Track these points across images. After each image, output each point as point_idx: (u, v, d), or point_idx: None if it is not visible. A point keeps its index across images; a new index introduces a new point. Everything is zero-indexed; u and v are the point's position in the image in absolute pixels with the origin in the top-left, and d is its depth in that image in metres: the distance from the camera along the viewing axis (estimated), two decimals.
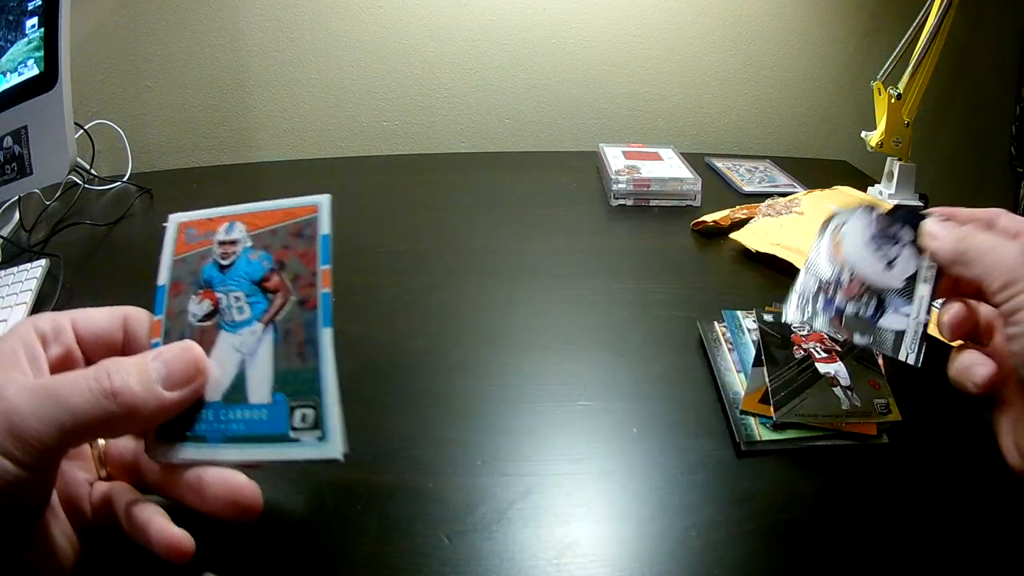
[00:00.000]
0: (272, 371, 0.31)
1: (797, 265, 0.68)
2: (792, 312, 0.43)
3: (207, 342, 0.33)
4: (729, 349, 0.55)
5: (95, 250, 0.79)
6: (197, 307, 0.34)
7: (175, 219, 0.37)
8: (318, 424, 0.30)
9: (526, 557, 0.38)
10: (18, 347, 0.30)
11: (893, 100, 0.85)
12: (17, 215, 0.85)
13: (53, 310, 0.64)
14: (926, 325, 0.39)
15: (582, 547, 0.39)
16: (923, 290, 0.40)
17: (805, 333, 0.53)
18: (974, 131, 1.24)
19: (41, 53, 0.70)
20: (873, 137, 0.88)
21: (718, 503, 0.42)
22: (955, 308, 0.38)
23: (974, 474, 0.44)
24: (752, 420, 0.47)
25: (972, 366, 0.37)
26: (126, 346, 0.34)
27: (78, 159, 0.80)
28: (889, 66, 0.85)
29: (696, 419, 0.49)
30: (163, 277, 0.35)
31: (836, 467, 0.45)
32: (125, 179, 0.97)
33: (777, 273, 0.70)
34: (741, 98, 1.18)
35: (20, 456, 0.27)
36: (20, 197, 0.83)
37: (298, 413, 0.31)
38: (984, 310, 0.39)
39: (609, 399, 0.51)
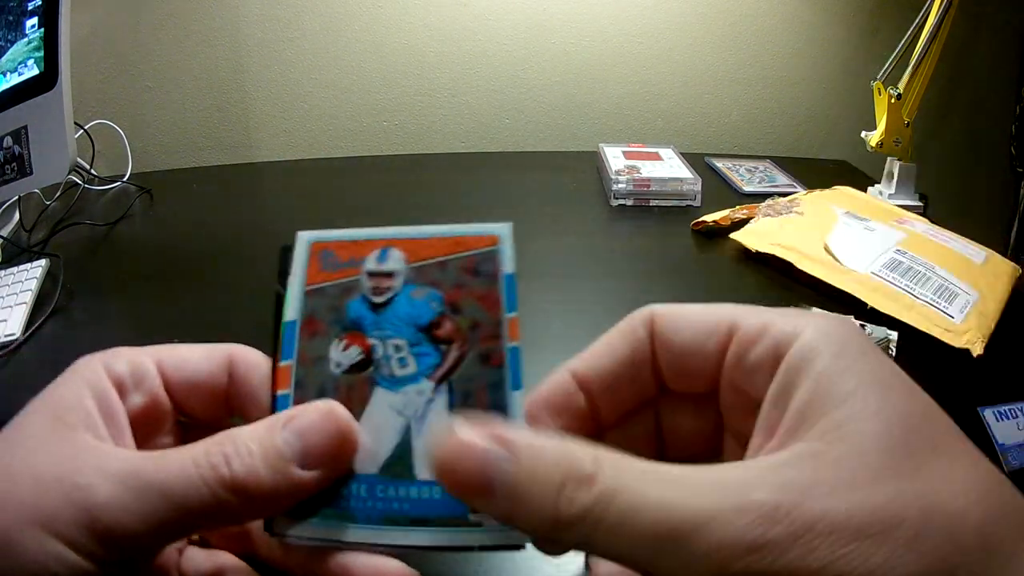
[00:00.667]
0: None
1: (797, 265, 0.68)
2: None
3: (356, 400, 0.25)
4: None
5: (95, 250, 0.79)
6: (342, 355, 0.26)
7: (306, 237, 0.29)
8: None
9: (526, 557, 0.38)
10: (86, 397, 0.23)
11: (893, 100, 0.84)
12: (17, 215, 0.85)
13: (53, 310, 0.64)
14: None
15: None
16: None
17: None
18: (974, 131, 1.24)
19: (41, 53, 0.70)
20: (873, 137, 0.88)
21: None
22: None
23: None
24: None
25: None
26: (233, 396, 0.26)
27: (78, 159, 0.80)
28: (889, 66, 0.85)
29: None
30: (293, 311, 0.28)
31: None
32: (125, 179, 0.97)
33: (777, 273, 0.70)
34: (741, 98, 1.18)
35: (107, 556, 0.20)
36: (20, 197, 0.83)
37: None
38: None
39: None
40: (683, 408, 0.25)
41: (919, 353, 0.57)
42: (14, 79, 0.72)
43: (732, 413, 0.23)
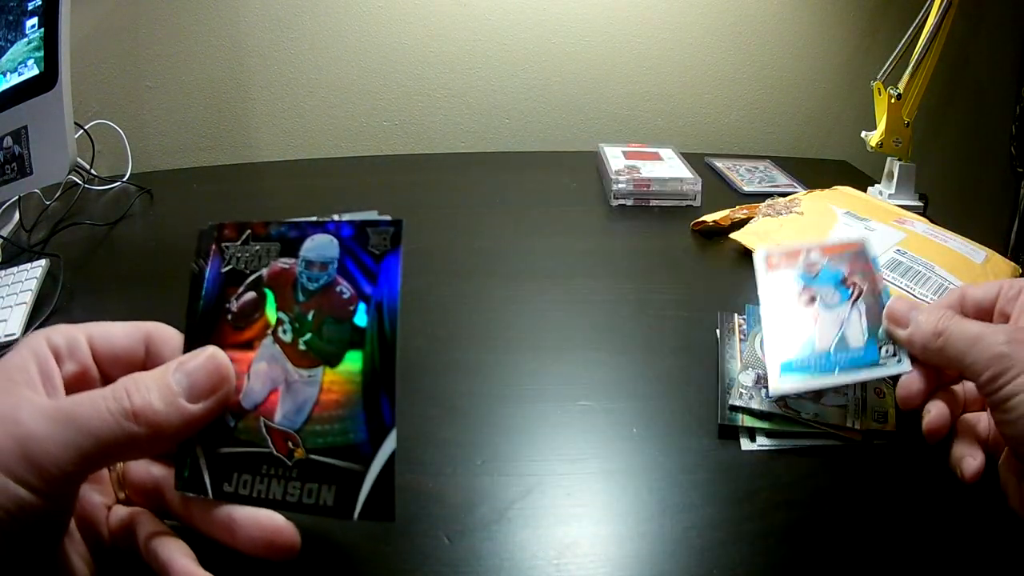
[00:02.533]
0: (865, 328, 0.44)
1: None
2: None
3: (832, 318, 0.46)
4: (741, 339, 0.55)
5: (95, 250, 0.79)
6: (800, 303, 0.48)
7: (762, 250, 0.52)
8: (896, 353, 0.42)
9: (526, 557, 0.38)
10: (30, 362, 0.28)
11: (893, 100, 0.84)
12: (17, 215, 0.85)
13: (53, 310, 0.64)
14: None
15: (582, 547, 0.39)
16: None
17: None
18: (974, 131, 1.24)
19: (41, 53, 0.70)
20: (873, 137, 0.88)
21: (718, 503, 0.42)
22: (934, 416, 0.39)
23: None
24: (739, 415, 0.47)
25: (962, 458, 0.38)
26: (149, 366, 0.31)
27: (78, 159, 0.80)
28: (889, 66, 0.85)
29: (696, 419, 0.49)
30: (764, 296, 0.50)
31: (836, 467, 0.45)
32: (125, 179, 0.97)
33: None
34: (741, 98, 1.18)
35: (38, 484, 0.25)
36: (20, 197, 0.83)
37: (883, 348, 0.42)
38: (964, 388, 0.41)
39: (609, 399, 0.51)
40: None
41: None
42: (14, 79, 0.72)
43: (1000, 320, 0.40)
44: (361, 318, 0.29)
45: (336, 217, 0.33)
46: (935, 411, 0.39)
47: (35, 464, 0.25)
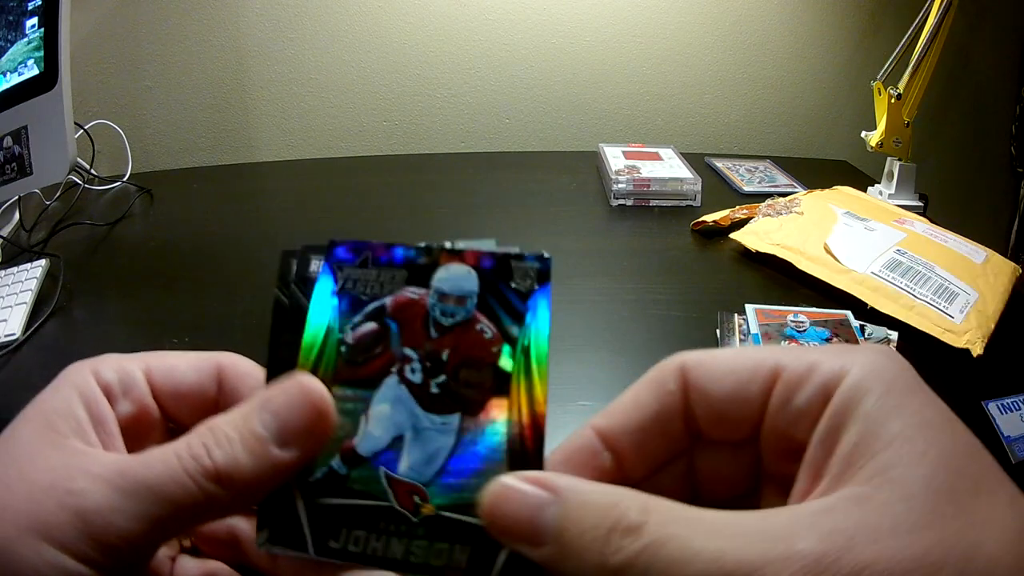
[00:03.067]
0: None
1: (797, 265, 0.68)
2: None
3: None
4: (741, 339, 0.55)
5: (95, 250, 0.79)
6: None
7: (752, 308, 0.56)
8: None
9: None
10: (76, 405, 0.23)
11: (893, 100, 0.84)
12: (17, 215, 0.85)
13: (53, 310, 0.64)
14: None
15: None
16: None
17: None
18: (974, 131, 1.24)
19: (41, 53, 0.70)
20: (873, 137, 0.88)
21: None
22: None
23: None
24: None
25: None
26: (224, 406, 0.25)
27: (78, 159, 0.80)
28: (889, 66, 0.85)
29: None
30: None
31: None
32: (125, 179, 0.97)
33: (777, 273, 0.70)
34: (741, 98, 1.18)
35: (103, 561, 0.20)
36: (20, 197, 0.83)
37: None
38: None
39: (609, 399, 0.51)
40: (718, 454, 0.24)
41: (919, 353, 0.57)
42: (14, 79, 0.72)
43: (773, 457, 0.22)
44: (506, 362, 0.26)
45: (462, 245, 0.28)
46: None
47: (99, 540, 0.20)
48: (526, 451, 0.25)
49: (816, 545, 0.16)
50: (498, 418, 0.25)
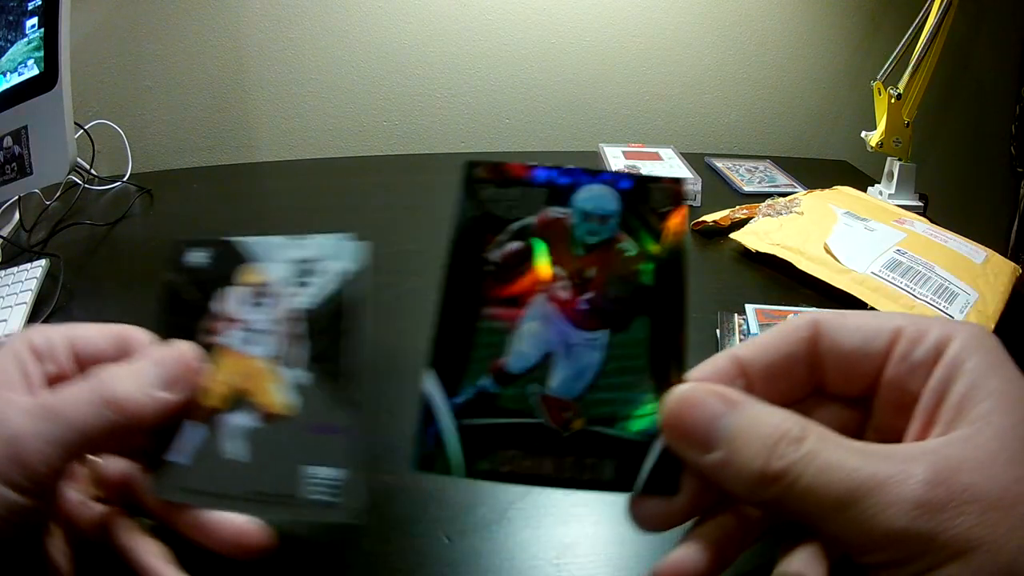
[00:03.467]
0: None
1: (797, 265, 0.68)
2: None
3: None
4: (741, 339, 0.55)
5: (95, 250, 0.79)
6: None
7: (752, 308, 0.54)
8: None
9: (526, 557, 0.38)
10: (10, 364, 0.29)
11: (893, 100, 0.85)
12: (17, 215, 0.85)
13: (53, 310, 0.64)
14: None
15: (582, 547, 0.39)
16: None
17: None
18: (974, 131, 1.24)
19: (41, 53, 0.70)
20: (873, 137, 0.88)
21: None
22: (682, 556, 0.25)
23: None
24: None
25: None
26: None
27: (78, 159, 0.80)
28: (889, 66, 0.85)
29: None
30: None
31: None
32: (125, 179, 0.97)
33: (777, 273, 0.70)
34: (741, 98, 1.18)
35: (26, 484, 0.26)
36: (20, 197, 0.83)
37: None
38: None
39: None
40: (831, 409, 0.27)
41: None
42: (14, 79, 0.72)
43: (886, 411, 0.25)
44: (648, 279, 0.27)
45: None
46: (686, 554, 0.25)
47: (24, 464, 0.26)
48: (670, 366, 0.26)
49: (930, 468, 0.20)
50: (643, 333, 0.26)
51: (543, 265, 0.27)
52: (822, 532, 0.21)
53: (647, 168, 0.91)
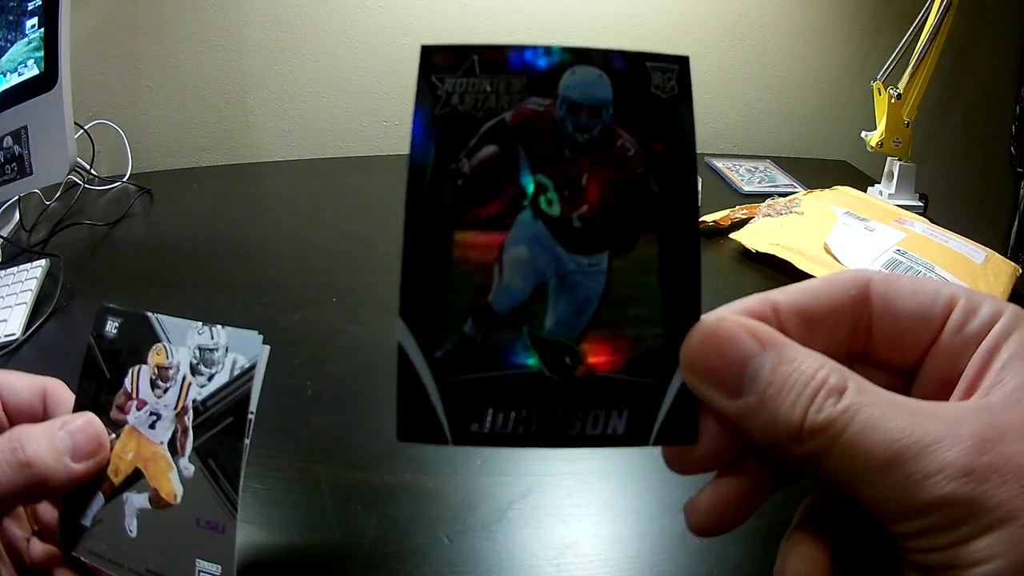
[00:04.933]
0: None
1: (797, 265, 0.68)
2: None
3: None
4: None
5: (95, 250, 0.79)
6: None
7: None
8: None
9: (526, 557, 0.38)
10: None
11: (893, 100, 0.85)
12: (17, 215, 0.85)
13: (53, 310, 0.64)
14: None
15: (582, 547, 0.39)
16: None
17: None
18: (974, 131, 1.24)
19: (41, 53, 0.70)
20: (873, 137, 0.88)
21: None
22: (711, 497, 0.23)
23: None
24: None
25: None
26: (46, 420, 0.33)
27: (78, 159, 0.80)
28: (889, 66, 0.85)
29: None
30: None
31: None
32: (125, 179, 0.97)
33: (777, 273, 0.70)
34: (741, 98, 1.18)
35: None
36: (20, 197, 0.83)
37: None
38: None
39: None
40: (871, 377, 0.23)
41: None
42: (14, 79, 0.72)
43: (930, 384, 0.23)
44: (653, 184, 0.22)
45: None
46: (712, 497, 0.23)
47: None
48: (685, 292, 0.22)
49: (978, 433, 0.19)
50: (651, 252, 0.22)
51: (525, 174, 0.22)
52: (858, 495, 0.20)
53: None
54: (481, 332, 0.21)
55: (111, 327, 0.33)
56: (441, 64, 0.23)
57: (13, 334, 0.60)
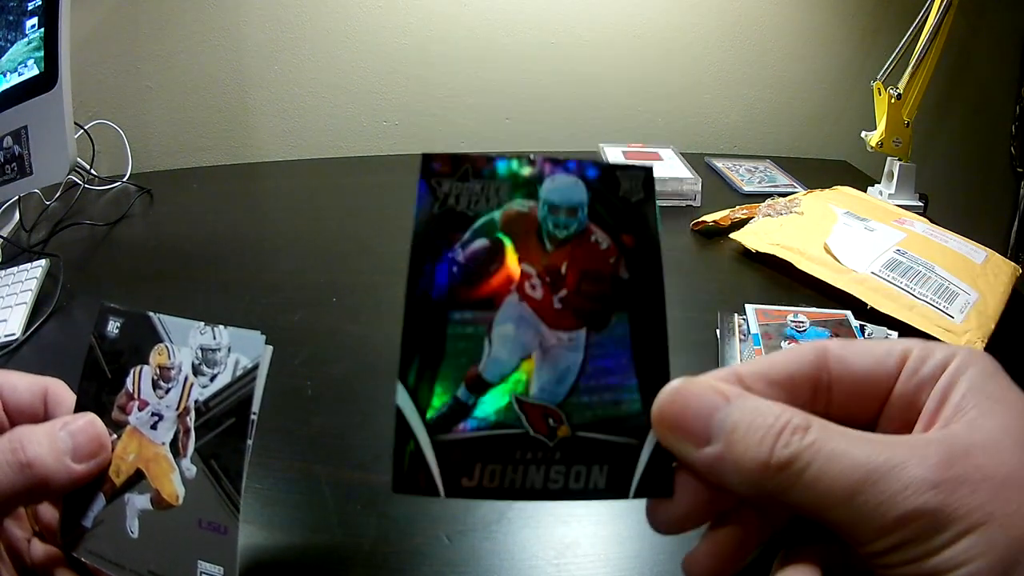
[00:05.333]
0: None
1: (797, 265, 0.68)
2: None
3: None
4: (741, 339, 0.55)
5: (95, 250, 0.79)
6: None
7: (752, 308, 0.53)
8: None
9: (526, 557, 0.38)
10: None
11: (893, 100, 0.85)
12: (17, 215, 0.85)
13: (53, 310, 0.64)
14: None
15: (582, 547, 0.39)
16: None
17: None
18: (974, 131, 1.24)
19: (41, 53, 0.70)
20: (873, 137, 0.88)
21: None
22: (705, 553, 0.25)
23: None
24: None
25: None
26: (47, 420, 0.33)
27: (78, 159, 0.80)
28: (889, 66, 0.85)
29: None
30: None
31: None
32: (125, 179, 0.97)
33: (777, 273, 0.70)
34: (741, 98, 1.18)
35: None
36: (20, 197, 0.83)
37: None
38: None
39: None
40: None
41: None
42: (14, 79, 0.72)
43: (891, 429, 0.25)
44: (624, 272, 0.25)
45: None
46: (706, 549, 0.24)
47: None
48: (655, 362, 0.25)
49: (944, 450, 0.20)
50: (623, 330, 0.25)
51: (512, 263, 0.25)
52: (828, 521, 0.21)
53: None
54: (473, 395, 0.24)
55: (112, 327, 0.33)
56: (440, 170, 0.27)
57: (13, 334, 0.60)
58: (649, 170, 0.26)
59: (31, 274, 0.67)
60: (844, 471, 0.20)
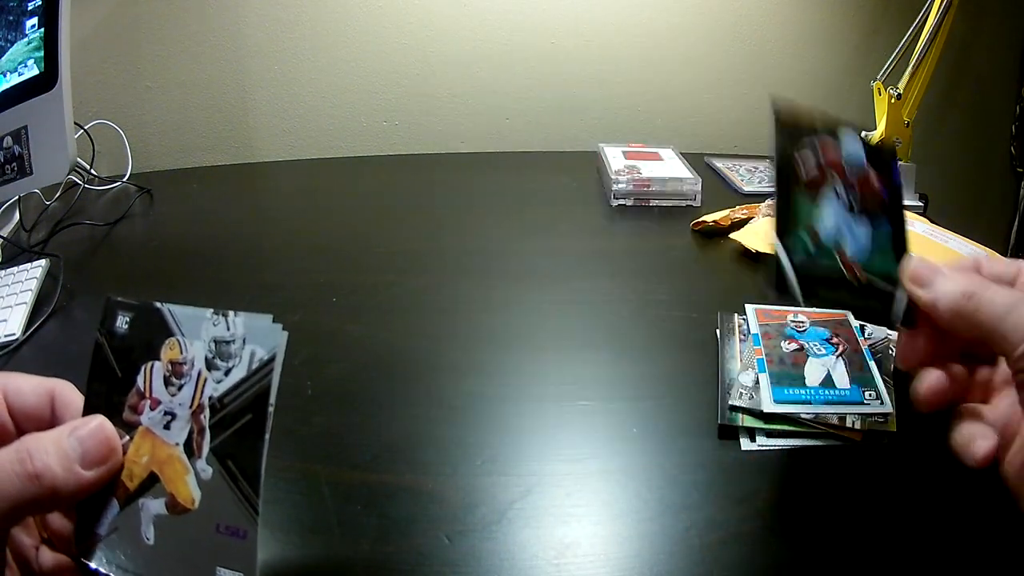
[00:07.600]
0: (848, 376, 0.49)
1: None
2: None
3: None
4: (741, 340, 0.55)
5: (95, 250, 0.79)
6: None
7: (752, 308, 0.57)
8: (879, 396, 0.48)
9: (526, 557, 0.38)
10: None
11: (893, 100, 0.85)
12: (17, 215, 0.85)
13: (53, 310, 0.64)
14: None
15: (582, 547, 0.39)
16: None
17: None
18: (974, 131, 1.24)
19: (41, 53, 0.70)
20: (873, 137, 0.88)
21: (718, 503, 0.42)
22: (932, 379, 0.35)
23: (972, 475, 0.44)
24: (739, 415, 0.48)
25: (972, 440, 0.34)
26: (54, 424, 0.32)
27: (78, 159, 0.80)
28: (889, 66, 0.85)
29: (696, 419, 0.49)
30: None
31: (835, 467, 0.45)
32: (125, 179, 0.97)
33: None
34: (741, 98, 1.18)
35: None
36: (20, 197, 0.83)
37: (867, 392, 0.48)
38: (982, 374, 0.36)
39: (609, 399, 0.51)
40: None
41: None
42: (14, 79, 0.72)
43: None
44: (886, 197, 0.41)
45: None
46: (934, 377, 0.35)
47: None
48: (902, 245, 0.40)
49: None
50: (884, 223, 0.40)
51: (830, 175, 0.40)
52: (991, 339, 0.32)
53: (647, 169, 0.91)
54: (816, 249, 0.38)
55: (122, 322, 0.31)
56: (786, 121, 0.42)
57: (13, 334, 0.60)
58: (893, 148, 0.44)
59: (31, 274, 0.67)
60: (999, 298, 0.32)
